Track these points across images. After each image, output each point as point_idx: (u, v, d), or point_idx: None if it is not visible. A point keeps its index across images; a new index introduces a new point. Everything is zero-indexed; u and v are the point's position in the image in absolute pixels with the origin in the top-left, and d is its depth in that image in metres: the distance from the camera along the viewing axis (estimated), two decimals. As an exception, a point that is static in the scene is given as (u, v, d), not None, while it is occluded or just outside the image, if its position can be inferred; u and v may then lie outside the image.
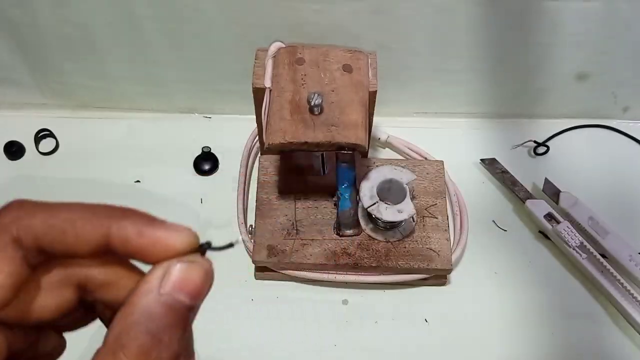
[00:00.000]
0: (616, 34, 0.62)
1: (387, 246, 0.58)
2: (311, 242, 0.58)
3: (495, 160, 0.67)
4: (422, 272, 0.58)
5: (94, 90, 0.71)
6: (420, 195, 0.61)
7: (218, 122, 0.72)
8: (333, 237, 0.59)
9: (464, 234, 0.62)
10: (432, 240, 0.58)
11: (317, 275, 0.58)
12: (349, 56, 0.52)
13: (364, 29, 0.61)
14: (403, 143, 0.68)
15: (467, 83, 0.68)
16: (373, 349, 0.57)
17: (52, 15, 0.62)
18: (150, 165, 0.68)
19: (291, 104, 0.49)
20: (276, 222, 0.59)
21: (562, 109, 0.71)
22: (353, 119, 0.49)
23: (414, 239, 0.58)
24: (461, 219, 0.63)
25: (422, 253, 0.57)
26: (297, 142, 0.48)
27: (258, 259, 0.58)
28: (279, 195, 0.61)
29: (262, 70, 0.52)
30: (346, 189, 0.56)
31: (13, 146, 0.69)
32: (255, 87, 0.52)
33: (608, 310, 0.59)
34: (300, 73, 0.51)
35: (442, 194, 0.61)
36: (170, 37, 0.64)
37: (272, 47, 0.52)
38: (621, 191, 0.67)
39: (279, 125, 0.48)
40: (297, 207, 0.60)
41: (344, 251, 0.58)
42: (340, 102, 0.49)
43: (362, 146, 0.48)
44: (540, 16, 0.60)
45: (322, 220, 0.59)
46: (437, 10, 0.60)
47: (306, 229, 0.59)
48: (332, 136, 0.48)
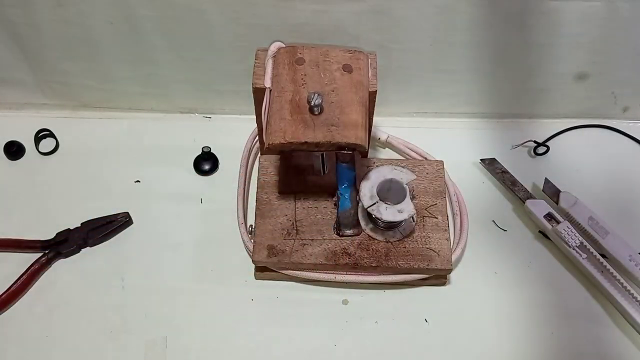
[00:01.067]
0: (616, 34, 0.62)
1: (387, 246, 0.58)
2: (311, 242, 0.58)
3: (495, 160, 0.67)
4: (422, 272, 0.58)
5: (94, 90, 0.71)
6: (420, 195, 0.61)
7: (218, 122, 0.72)
8: (333, 237, 0.58)
9: (464, 233, 0.62)
10: (432, 240, 0.58)
11: (317, 275, 0.58)
12: (349, 56, 0.52)
13: (364, 29, 0.61)
14: (403, 143, 0.68)
15: (467, 83, 0.68)
16: (373, 349, 0.57)
17: (52, 15, 0.62)
18: (151, 165, 0.68)
19: (291, 104, 0.49)
20: (276, 222, 0.59)
21: (562, 109, 0.71)
22: (353, 119, 0.49)
23: (414, 239, 0.58)
24: (461, 219, 0.63)
25: (422, 253, 0.57)
26: (297, 142, 0.48)
27: (258, 259, 0.58)
28: (279, 195, 0.61)
29: (262, 70, 0.52)
30: (346, 189, 0.56)
31: (13, 146, 0.69)
32: (255, 87, 0.52)
33: (608, 310, 0.59)
34: (300, 73, 0.51)
35: (442, 194, 0.61)
36: (170, 37, 0.64)
37: (272, 47, 0.52)
38: (621, 191, 0.67)
39: (279, 125, 0.48)
40: (297, 207, 0.60)
41: (344, 251, 0.58)
42: (340, 102, 0.49)
43: (362, 146, 0.48)
44: (540, 16, 0.60)
45: (322, 220, 0.59)
46: (437, 10, 0.60)
47: (306, 229, 0.59)
48: (332, 136, 0.48)
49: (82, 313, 0.59)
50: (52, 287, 0.60)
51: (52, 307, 0.59)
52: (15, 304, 0.59)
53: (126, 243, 0.63)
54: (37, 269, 0.60)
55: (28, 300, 0.60)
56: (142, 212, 0.64)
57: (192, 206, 0.66)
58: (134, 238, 0.64)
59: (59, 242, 0.62)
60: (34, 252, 0.61)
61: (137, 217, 0.64)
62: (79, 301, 0.59)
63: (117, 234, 0.64)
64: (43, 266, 0.61)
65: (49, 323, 0.58)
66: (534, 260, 0.62)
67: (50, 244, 0.62)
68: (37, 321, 0.58)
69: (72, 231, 0.63)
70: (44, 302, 0.60)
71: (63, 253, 0.62)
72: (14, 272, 0.60)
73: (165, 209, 0.65)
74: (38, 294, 0.60)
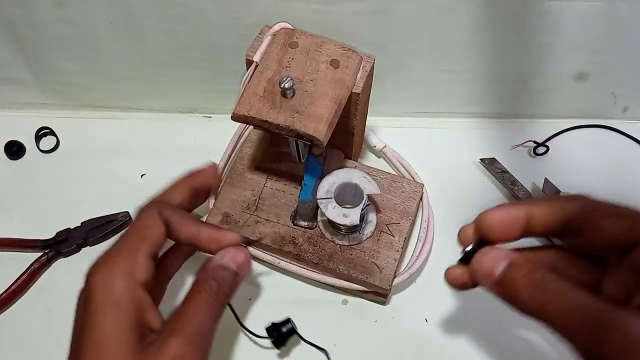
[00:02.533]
0: (616, 34, 0.62)
1: (335, 248, 0.58)
2: (265, 222, 0.59)
3: (494, 160, 0.67)
4: (360, 284, 0.57)
5: (94, 90, 0.71)
6: (386, 210, 0.60)
7: (218, 122, 0.72)
8: (287, 223, 0.59)
9: (419, 261, 0.59)
10: (380, 256, 0.57)
11: (261, 254, 0.59)
12: (341, 53, 0.52)
13: (364, 29, 0.61)
14: (396, 157, 0.67)
15: (467, 83, 0.68)
16: (373, 348, 0.57)
17: (52, 15, 0.62)
18: (151, 164, 0.68)
19: (268, 83, 0.50)
20: (241, 194, 0.60)
21: (562, 109, 0.71)
22: (319, 112, 0.49)
23: (362, 249, 0.58)
24: (423, 247, 0.60)
25: (364, 265, 0.57)
26: (259, 119, 0.49)
27: (211, 222, 0.58)
28: (254, 170, 0.62)
29: (259, 44, 0.54)
30: (311, 180, 0.57)
31: (13, 146, 0.69)
32: (247, 58, 0.53)
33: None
34: (288, 56, 0.52)
35: (409, 215, 0.60)
36: (170, 37, 0.64)
37: (276, 26, 0.54)
38: (621, 191, 0.67)
39: (249, 98, 0.50)
40: (265, 185, 0.61)
41: (292, 240, 0.58)
42: (313, 93, 0.50)
43: (319, 140, 0.49)
44: (540, 16, 0.60)
45: (284, 205, 0.60)
46: (437, 10, 0.60)
47: (265, 209, 0.60)
48: (292, 122, 0.49)
49: (82, 313, 0.59)
50: (52, 287, 0.60)
51: (52, 307, 0.59)
52: (15, 303, 0.59)
53: (126, 243, 0.63)
54: (37, 269, 0.60)
55: (28, 300, 0.60)
56: (142, 211, 0.65)
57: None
58: (134, 238, 0.64)
59: (59, 241, 0.62)
60: (34, 251, 0.61)
61: (137, 216, 0.64)
62: (79, 301, 0.59)
63: (117, 234, 0.64)
64: (43, 266, 0.61)
65: (49, 323, 0.58)
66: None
67: (51, 243, 0.62)
68: (37, 321, 0.58)
69: (72, 230, 0.63)
70: (44, 301, 0.60)
71: (63, 252, 0.62)
72: (14, 271, 0.60)
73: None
74: (38, 294, 0.60)
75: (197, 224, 0.43)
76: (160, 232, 0.42)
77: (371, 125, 0.66)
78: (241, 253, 0.43)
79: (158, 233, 0.42)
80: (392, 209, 0.60)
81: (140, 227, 0.42)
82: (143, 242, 0.41)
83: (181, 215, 0.43)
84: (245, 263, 0.43)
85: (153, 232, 0.42)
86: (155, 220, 0.42)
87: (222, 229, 0.44)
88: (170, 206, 0.44)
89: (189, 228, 0.43)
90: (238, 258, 0.43)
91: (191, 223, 0.43)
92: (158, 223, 0.42)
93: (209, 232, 0.43)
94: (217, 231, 0.44)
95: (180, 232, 0.43)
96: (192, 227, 0.43)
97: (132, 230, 0.42)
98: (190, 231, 0.43)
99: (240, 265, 0.43)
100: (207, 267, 0.42)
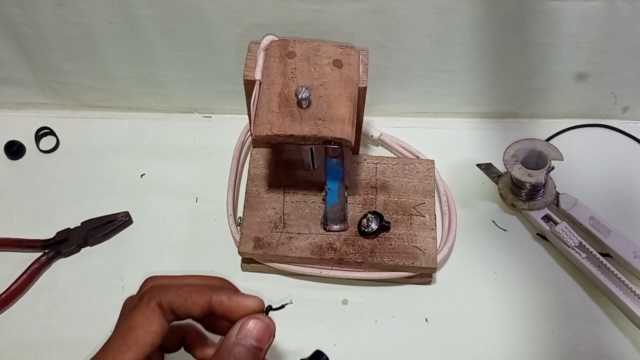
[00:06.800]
0: (616, 34, 0.62)
1: (373, 242, 0.58)
2: (298, 235, 0.58)
3: (491, 165, 0.67)
4: (407, 270, 0.58)
5: (94, 90, 0.71)
6: (408, 193, 0.61)
7: (218, 122, 0.72)
8: (320, 231, 0.59)
9: (452, 233, 0.62)
10: (418, 239, 0.58)
11: (302, 269, 0.59)
12: (340, 51, 0.52)
13: (364, 29, 0.61)
14: (395, 141, 0.68)
15: (467, 83, 0.68)
16: (373, 348, 0.57)
17: (52, 15, 0.62)
18: (151, 164, 0.68)
19: (280, 97, 0.50)
20: (264, 215, 0.60)
21: (562, 109, 0.71)
22: (340, 113, 0.49)
23: (400, 236, 0.59)
24: (450, 219, 0.63)
25: (407, 251, 0.58)
26: (284, 134, 0.48)
27: (244, 251, 0.58)
28: (269, 189, 0.61)
29: (253, 62, 0.53)
30: (334, 183, 0.57)
31: (13, 146, 0.69)
32: (246, 79, 0.53)
33: (607, 310, 0.59)
34: (290, 66, 0.51)
35: (430, 192, 0.61)
36: (170, 37, 0.64)
37: (265, 40, 0.53)
38: (621, 191, 0.67)
39: (266, 117, 0.49)
40: (285, 200, 0.60)
41: (329, 246, 0.58)
42: (328, 97, 0.50)
43: (348, 140, 0.49)
44: (540, 16, 0.60)
45: (310, 215, 0.60)
46: (436, 10, 0.60)
47: (293, 223, 0.59)
48: (318, 130, 0.48)
49: (82, 313, 0.59)
50: (52, 287, 0.60)
51: (52, 307, 0.59)
52: (15, 303, 0.59)
53: (126, 243, 0.63)
54: (37, 269, 0.60)
55: (28, 299, 0.60)
56: (143, 211, 0.65)
57: (193, 205, 0.66)
58: (134, 237, 0.64)
59: (59, 241, 0.62)
60: (34, 251, 0.61)
61: (137, 216, 0.64)
62: (79, 301, 0.59)
63: (117, 234, 0.64)
64: (43, 265, 0.61)
65: (49, 323, 0.58)
66: (533, 260, 0.62)
67: (51, 243, 0.62)
68: (37, 321, 0.58)
69: (72, 230, 0.63)
70: (44, 301, 0.60)
71: (63, 252, 0.62)
72: (14, 271, 0.60)
73: (166, 208, 0.65)
74: (38, 294, 0.60)
75: (207, 295, 0.38)
76: (154, 332, 0.37)
77: (367, 120, 0.66)
78: (260, 324, 0.38)
79: (150, 333, 0.36)
80: (413, 190, 0.61)
81: (131, 326, 0.37)
82: (131, 347, 0.36)
83: (187, 291, 0.38)
84: (265, 336, 0.38)
85: (145, 333, 0.36)
86: (148, 318, 0.37)
87: (237, 294, 0.40)
88: (173, 288, 0.39)
89: (199, 302, 0.38)
90: (258, 332, 0.38)
91: (200, 297, 0.38)
92: (152, 321, 0.37)
93: (221, 302, 0.38)
94: (229, 298, 0.39)
95: (191, 312, 0.38)
96: (203, 301, 0.38)
97: (122, 331, 0.37)
98: (202, 306, 0.38)
99: (259, 339, 0.38)
100: (225, 346, 0.38)
